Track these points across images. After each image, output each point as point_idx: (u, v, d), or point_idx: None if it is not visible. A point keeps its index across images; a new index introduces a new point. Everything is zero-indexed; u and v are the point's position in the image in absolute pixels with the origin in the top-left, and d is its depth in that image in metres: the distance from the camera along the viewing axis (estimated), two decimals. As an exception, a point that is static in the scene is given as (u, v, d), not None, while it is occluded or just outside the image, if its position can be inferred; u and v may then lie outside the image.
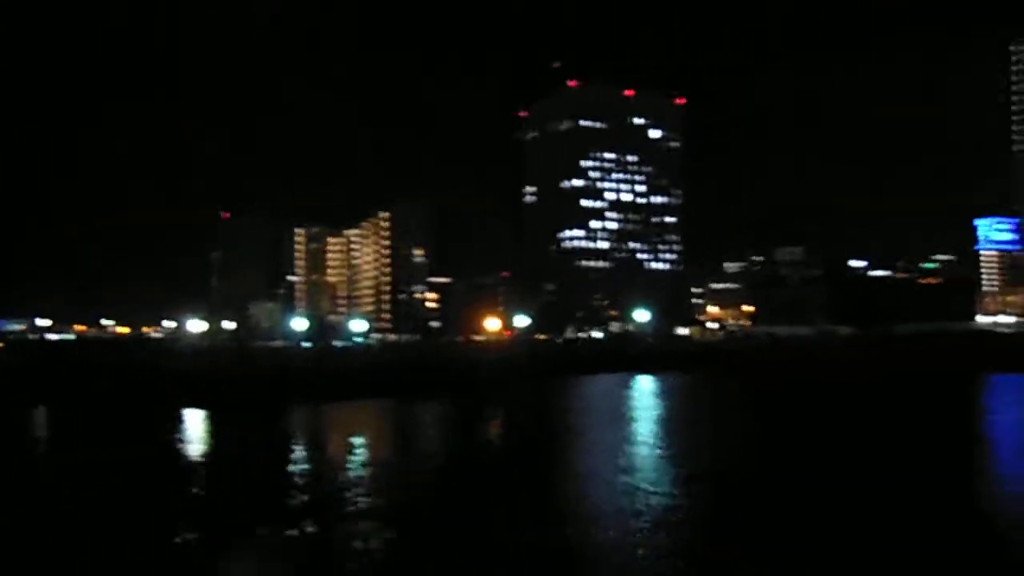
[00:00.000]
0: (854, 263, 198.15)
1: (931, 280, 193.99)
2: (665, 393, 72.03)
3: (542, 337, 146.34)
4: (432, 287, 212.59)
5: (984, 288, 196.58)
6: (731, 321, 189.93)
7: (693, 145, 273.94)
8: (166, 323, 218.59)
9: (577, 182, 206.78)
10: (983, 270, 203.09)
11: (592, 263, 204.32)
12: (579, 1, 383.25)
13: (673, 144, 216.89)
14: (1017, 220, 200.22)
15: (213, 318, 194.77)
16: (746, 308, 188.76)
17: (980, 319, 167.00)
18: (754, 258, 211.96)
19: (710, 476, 29.76)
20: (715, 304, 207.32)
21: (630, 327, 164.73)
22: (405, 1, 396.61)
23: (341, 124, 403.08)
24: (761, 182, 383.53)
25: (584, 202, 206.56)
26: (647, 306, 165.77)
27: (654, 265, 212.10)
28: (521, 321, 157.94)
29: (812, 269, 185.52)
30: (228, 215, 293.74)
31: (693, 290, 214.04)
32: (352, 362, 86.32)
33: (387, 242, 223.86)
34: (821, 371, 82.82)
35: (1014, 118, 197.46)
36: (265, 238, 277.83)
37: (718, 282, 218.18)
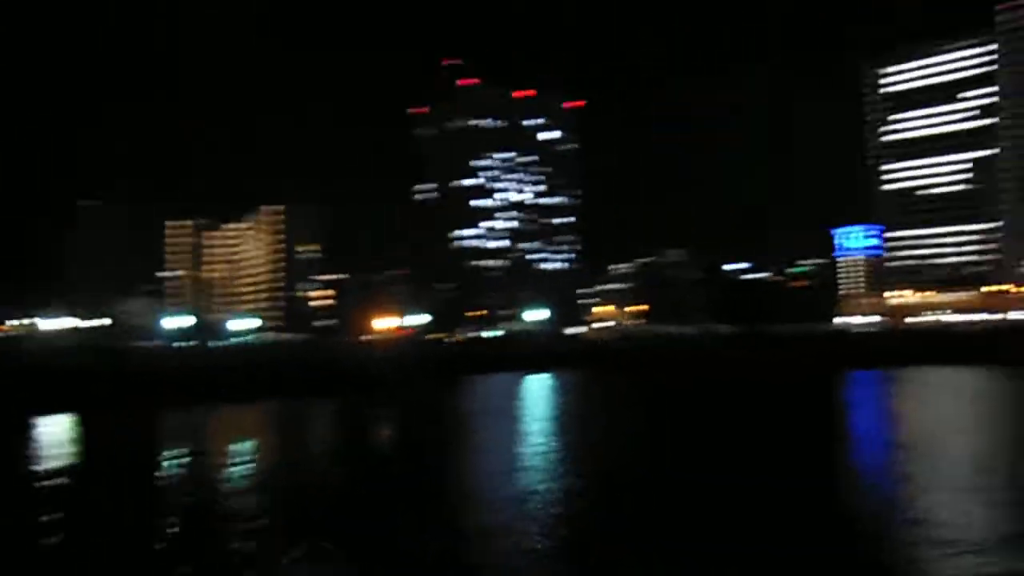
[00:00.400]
0: (733, 266, 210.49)
1: (799, 283, 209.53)
2: (558, 392, 73.30)
3: (438, 336, 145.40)
4: (325, 284, 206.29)
5: (844, 291, 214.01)
6: (621, 320, 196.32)
7: (589, 148, 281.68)
8: (15, 321, 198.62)
9: (473, 181, 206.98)
10: (841, 275, 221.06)
11: (487, 262, 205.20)
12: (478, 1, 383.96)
13: (569, 146, 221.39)
14: (878, 228, 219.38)
15: (75, 315, 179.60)
16: (635, 308, 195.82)
17: (841, 320, 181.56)
18: (643, 259, 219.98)
19: (600, 475, 30.41)
20: (606, 304, 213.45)
21: (525, 326, 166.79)
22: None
23: (226, 114, 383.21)
24: (652, 187, 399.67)
25: (480, 201, 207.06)
26: (541, 305, 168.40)
27: (548, 265, 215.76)
28: (416, 320, 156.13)
29: (696, 271, 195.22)
30: (94, 202, 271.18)
31: (585, 290, 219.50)
32: (236, 362, 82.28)
33: (277, 237, 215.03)
34: (704, 369, 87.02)
35: (868, 136, 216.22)
36: (136, 230, 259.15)
37: (609, 282, 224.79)
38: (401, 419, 53.01)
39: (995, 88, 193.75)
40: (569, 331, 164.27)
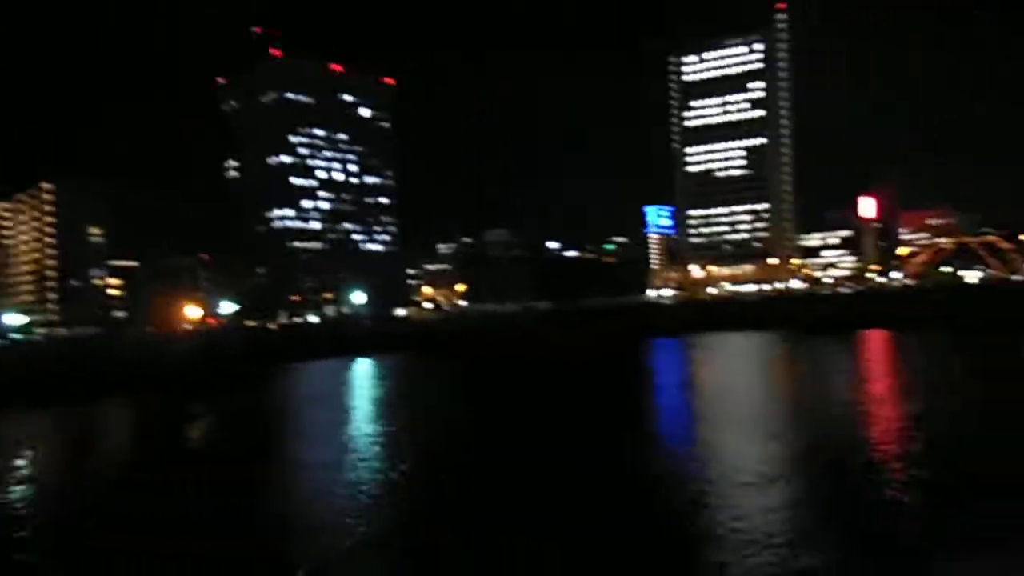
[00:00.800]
0: (550, 244, 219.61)
1: (610, 259, 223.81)
2: (383, 376, 71.94)
3: (253, 323, 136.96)
4: (114, 272, 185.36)
5: (652, 265, 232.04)
6: (445, 301, 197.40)
7: (406, 127, 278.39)
8: None
9: (285, 158, 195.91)
10: (650, 251, 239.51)
11: (305, 244, 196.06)
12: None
13: (385, 124, 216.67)
14: (671, 208, 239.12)
15: None
16: (459, 288, 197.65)
17: (650, 292, 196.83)
18: (465, 239, 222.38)
19: (424, 457, 30.06)
20: (430, 285, 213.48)
21: (347, 310, 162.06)
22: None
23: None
24: (471, 167, 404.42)
25: (294, 180, 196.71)
26: (363, 288, 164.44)
27: (369, 246, 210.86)
28: (227, 307, 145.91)
29: (516, 250, 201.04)
30: None
31: (408, 271, 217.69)
32: (6, 363, 71.28)
33: (52, 219, 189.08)
34: (524, 346, 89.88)
35: (672, 121, 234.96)
36: None
37: (432, 263, 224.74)
38: (214, 415, 48.88)
39: (764, 83, 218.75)
40: (393, 313, 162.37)
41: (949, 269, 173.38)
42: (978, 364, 53.70)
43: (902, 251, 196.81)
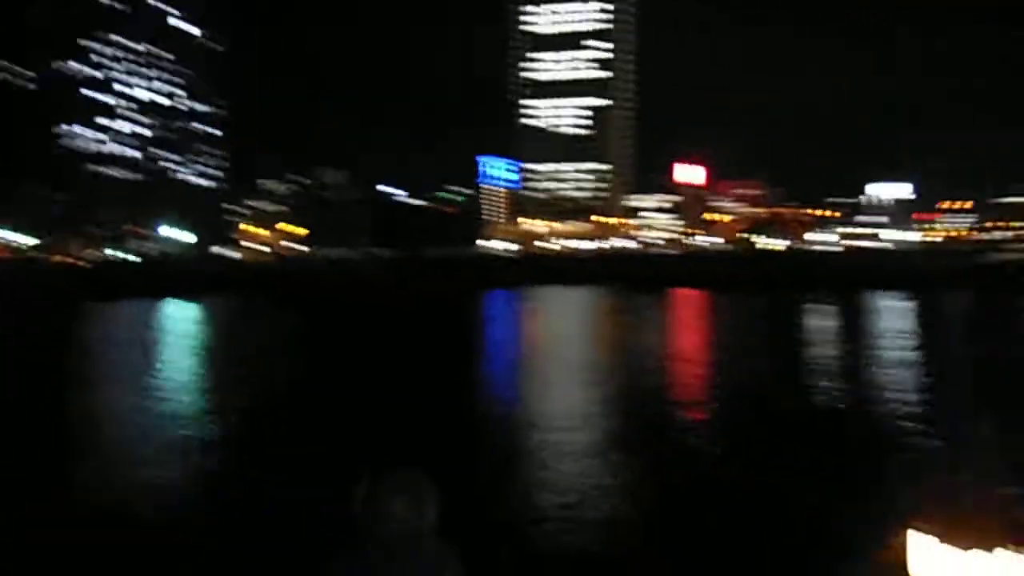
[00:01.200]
0: (389, 190, 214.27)
1: (449, 209, 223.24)
2: (203, 321, 67.15)
3: (48, 256, 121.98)
4: None
5: (487, 218, 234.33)
6: (276, 242, 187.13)
7: (238, 53, 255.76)
8: None
9: (85, 69, 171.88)
10: (484, 202, 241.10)
11: (114, 171, 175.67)
12: None
13: (214, 47, 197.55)
14: (516, 163, 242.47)
15: None
16: (292, 229, 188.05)
17: (483, 244, 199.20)
18: (299, 179, 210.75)
19: (245, 403, 28.40)
20: (260, 225, 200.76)
21: (161, 246, 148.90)
22: None
23: None
24: (304, 103, 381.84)
25: (98, 96, 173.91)
26: (184, 225, 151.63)
27: (191, 179, 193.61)
28: (16, 238, 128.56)
29: (354, 193, 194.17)
30: None
31: (235, 209, 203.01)
32: None
33: None
34: (362, 293, 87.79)
35: (509, 71, 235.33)
36: None
37: (262, 201, 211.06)
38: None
39: (611, 44, 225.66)
40: (217, 252, 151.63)
41: (755, 236, 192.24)
42: (773, 317, 60.36)
43: (716, 217, 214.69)
